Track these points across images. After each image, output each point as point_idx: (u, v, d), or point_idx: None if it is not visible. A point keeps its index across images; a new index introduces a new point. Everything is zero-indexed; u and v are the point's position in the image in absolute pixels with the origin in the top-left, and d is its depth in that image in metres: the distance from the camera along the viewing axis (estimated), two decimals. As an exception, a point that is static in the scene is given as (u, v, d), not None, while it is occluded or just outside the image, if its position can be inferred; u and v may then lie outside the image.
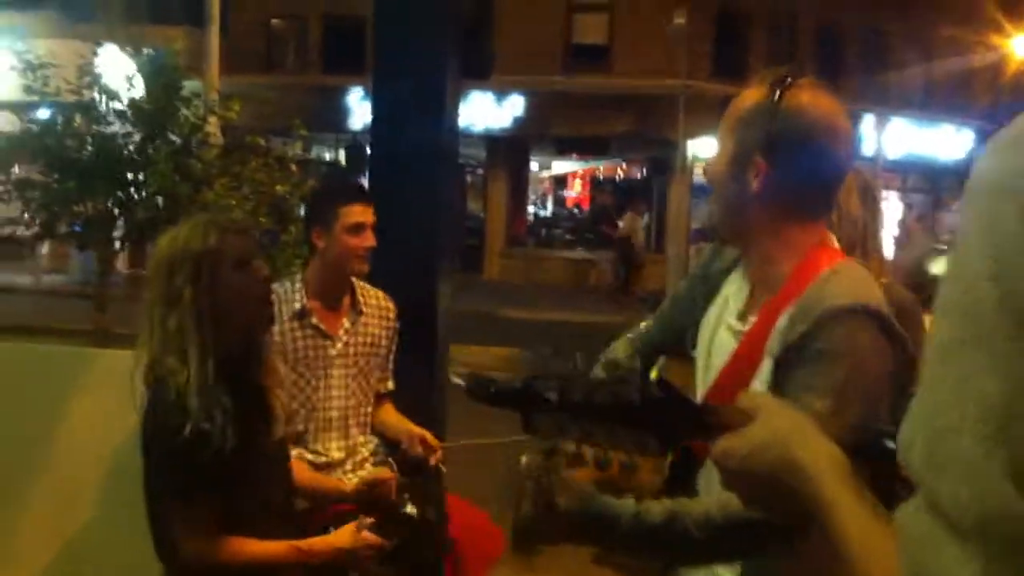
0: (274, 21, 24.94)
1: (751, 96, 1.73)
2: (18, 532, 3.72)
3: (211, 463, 2.39)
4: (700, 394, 1.79)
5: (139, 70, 4.96)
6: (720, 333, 1.79)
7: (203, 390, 2.39)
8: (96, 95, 5.22)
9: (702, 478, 1.74)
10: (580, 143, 25.18)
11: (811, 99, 1.68)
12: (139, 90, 4.91)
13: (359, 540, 2.63)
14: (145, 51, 5.94)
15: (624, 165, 27.32)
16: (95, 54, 6.79)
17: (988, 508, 0.69)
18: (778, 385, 1.63)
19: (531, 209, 27.32)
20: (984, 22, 23.05)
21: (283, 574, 2.56)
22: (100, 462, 3.67)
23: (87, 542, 3.68)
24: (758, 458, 1.04)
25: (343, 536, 2.66)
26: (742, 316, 1.77)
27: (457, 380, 1.59)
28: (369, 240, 3.33)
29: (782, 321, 1.63)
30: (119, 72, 5.85)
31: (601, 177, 28.23)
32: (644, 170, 26.02)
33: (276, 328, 3.02)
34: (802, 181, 1.69)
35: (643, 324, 2.08)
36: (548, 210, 28.65)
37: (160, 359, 2.43)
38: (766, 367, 1.66)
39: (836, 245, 1.79)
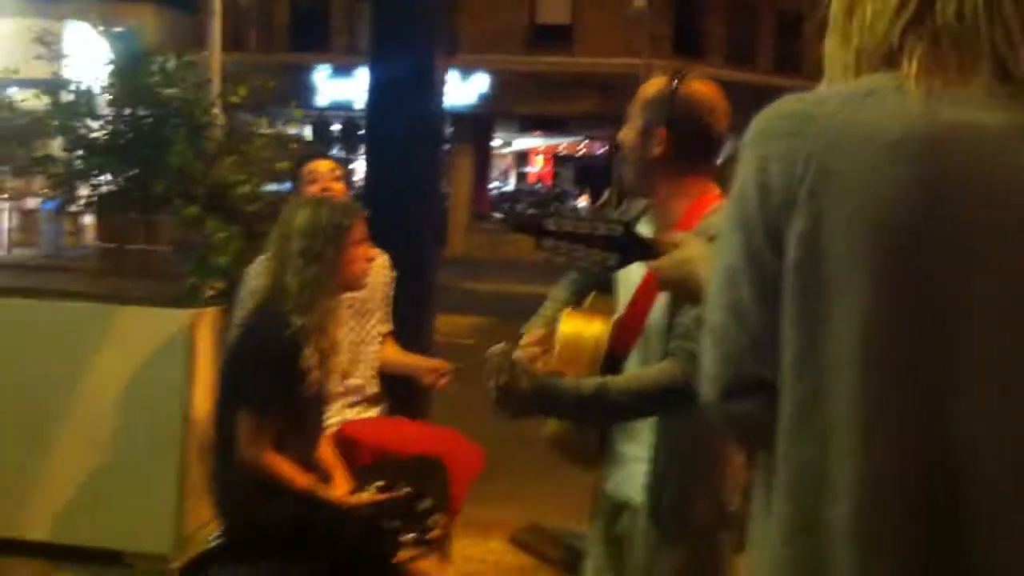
0: (240, 0, 25.08)
1: (655, 84, 2.30)
2: (43, 472, 4.11)
3: (295, 389, 2.95)
4: (621, 313, 2.35)
5: (111, 50, 5.36)
6: (633, 266, 2.32)
7: (315, 328, 2.99)
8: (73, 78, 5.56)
9: (625, 369, 2.30)
10: (543, 121, 25.66)
11: (698, 87, 2.27)
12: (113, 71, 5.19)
13: (360, 500, 3.10)
14: (115, 30, 6.20)
15: (586, 142, 27.84)
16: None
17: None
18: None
19: (493, 184, 27.77)
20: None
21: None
22: (118, 408, 4.10)
23: (107, 481, 4.08)
24: (676, 270, 1.69)
25: (349, 495, 3.13)
26: None
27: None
28: (326, 189, 3.77)
29: None
30: (87, 50, 6.17)
31: (563, 153, 28.74)
32: (606, 147, 26.57)
33: None
34: (691, 145, 2.27)
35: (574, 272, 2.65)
36: (511, 186, 29.10)
37: (291, 295, 2.99)
38: None
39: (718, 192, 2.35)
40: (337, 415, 3.65)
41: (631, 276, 2.33)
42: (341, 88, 24.45)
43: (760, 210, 1.18)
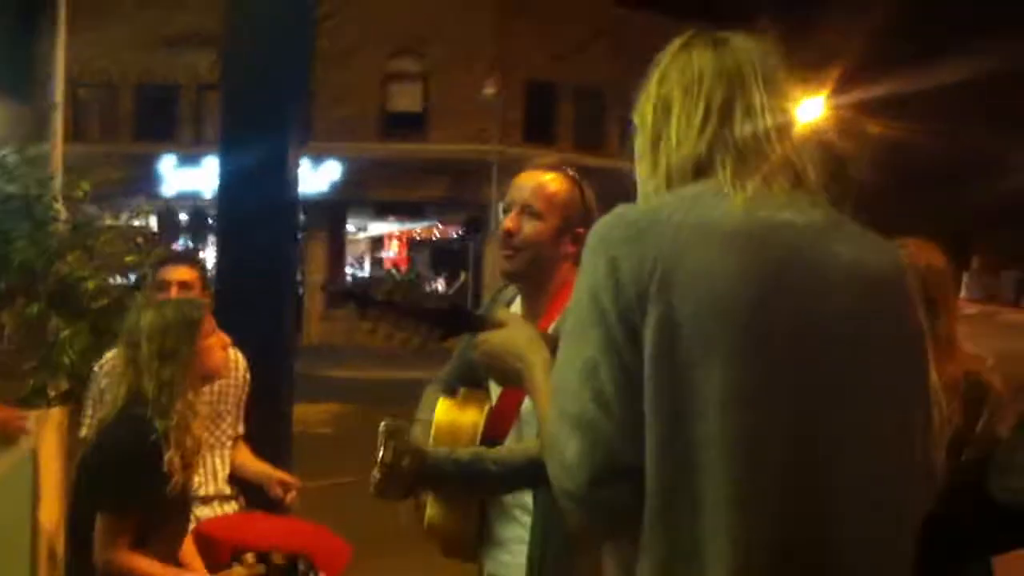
0: (81, 90, 24.49)
1: (561, 184, 2.43)
2: None
3: (158, 492, 2.88)
4: (494, 404, 2.39)
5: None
6: None
7: (178, 428, 2.92)
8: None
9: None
10: (397, 207, 25.78)
11: (588, 187, 2.45)
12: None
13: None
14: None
15: (440, 227, 28.05)
16: None
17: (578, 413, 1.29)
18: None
19: (349, 271, 27.62)
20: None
21: None
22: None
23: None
24: (501, 348, 1.67)
25: None
26: None
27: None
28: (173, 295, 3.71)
29: (550, 330, 2.26)
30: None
31: (418, 238, 28.87)
32: (460, 231, 26.81)
33: None
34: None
35: (444, 369, 2.67)
36: (366, 271, 28.99)
37: (151, 399, 2.93)
38: None
39: None
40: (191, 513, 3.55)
41: None
42: (188, 177, 24.07)
43: (615, 305, 1.27)
